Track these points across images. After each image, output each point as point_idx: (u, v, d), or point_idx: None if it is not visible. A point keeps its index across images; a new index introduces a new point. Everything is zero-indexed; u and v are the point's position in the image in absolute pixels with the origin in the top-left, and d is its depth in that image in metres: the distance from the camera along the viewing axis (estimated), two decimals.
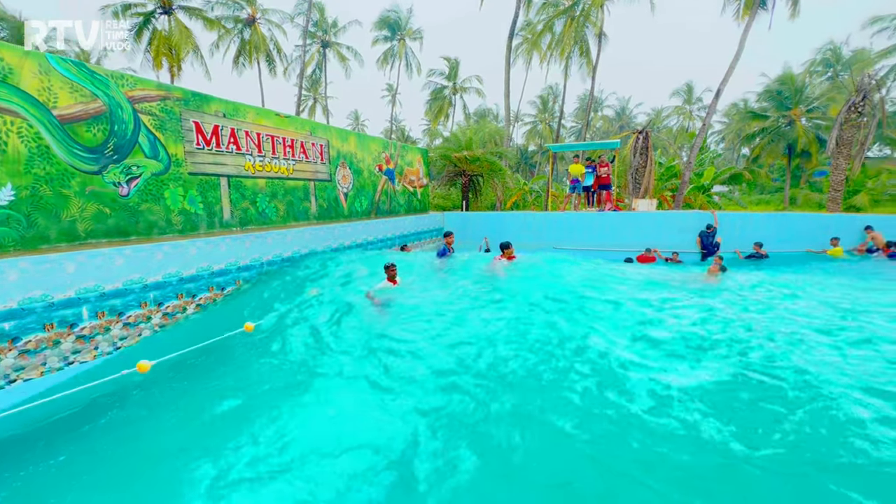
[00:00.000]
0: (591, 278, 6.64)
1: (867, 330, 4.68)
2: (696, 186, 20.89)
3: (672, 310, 5.39)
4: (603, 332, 4.85)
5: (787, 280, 7.02)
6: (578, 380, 3.97)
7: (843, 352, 4.30)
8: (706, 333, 4.67)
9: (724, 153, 47.84)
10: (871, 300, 5.75)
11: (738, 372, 3.94)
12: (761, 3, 16.99)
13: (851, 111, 14.21)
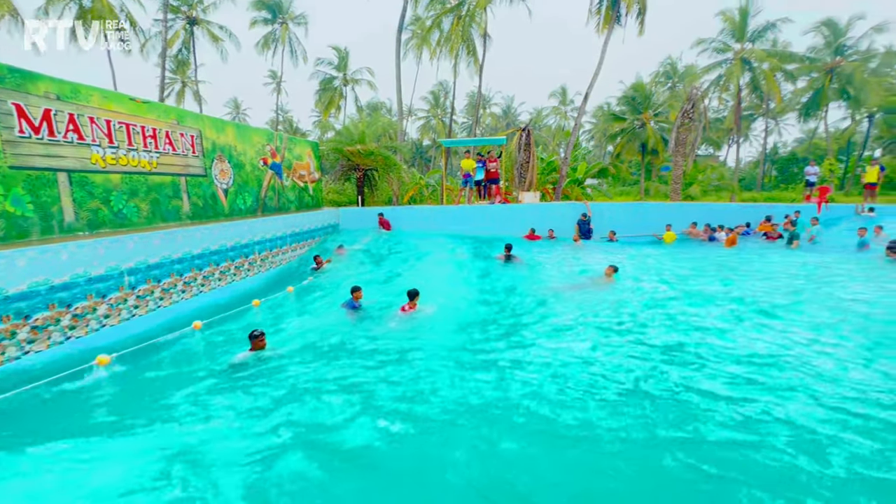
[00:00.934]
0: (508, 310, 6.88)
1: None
2: (572, 180, 23.26)
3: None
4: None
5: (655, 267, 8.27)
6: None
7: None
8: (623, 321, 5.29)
9: (593, 150, 53.95)
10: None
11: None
12: (617, 20, 19.42)
13: (684, 117, 17.10)
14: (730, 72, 26.33)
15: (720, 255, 10.20)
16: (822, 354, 4.58)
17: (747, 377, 4.17)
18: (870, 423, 3.30)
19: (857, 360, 4.37)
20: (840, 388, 3.87)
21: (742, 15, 25.97)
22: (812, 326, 5.34)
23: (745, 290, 6.97)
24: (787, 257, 9.49)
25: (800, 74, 28.50)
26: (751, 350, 4.77)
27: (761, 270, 8.37)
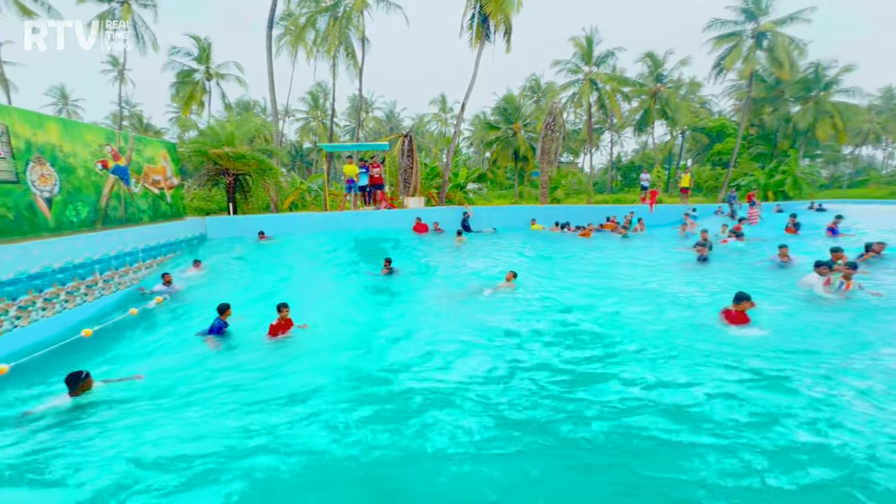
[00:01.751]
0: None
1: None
2: (455, 185, 24.37)
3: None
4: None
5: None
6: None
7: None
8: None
9: (473, 156, 57.20)
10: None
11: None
12: (487, 37, 20.92)
13: (548, 128, 19.18)
14: (581, 90, 30.29)
15: (582, 246, 11.84)
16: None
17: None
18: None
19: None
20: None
21: (588, 42, 30.09)
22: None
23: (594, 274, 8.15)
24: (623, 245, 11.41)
25: (633, 96, 34.08)
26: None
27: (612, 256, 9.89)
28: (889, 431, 3.14)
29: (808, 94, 30.18)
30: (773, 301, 6.46)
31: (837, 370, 4.14)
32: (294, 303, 6.57)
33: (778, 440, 3.12)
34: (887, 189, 34.32)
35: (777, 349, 4.72)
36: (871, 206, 19.93)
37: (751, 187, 26.23)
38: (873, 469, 2.76)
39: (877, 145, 50.63)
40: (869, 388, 3.77)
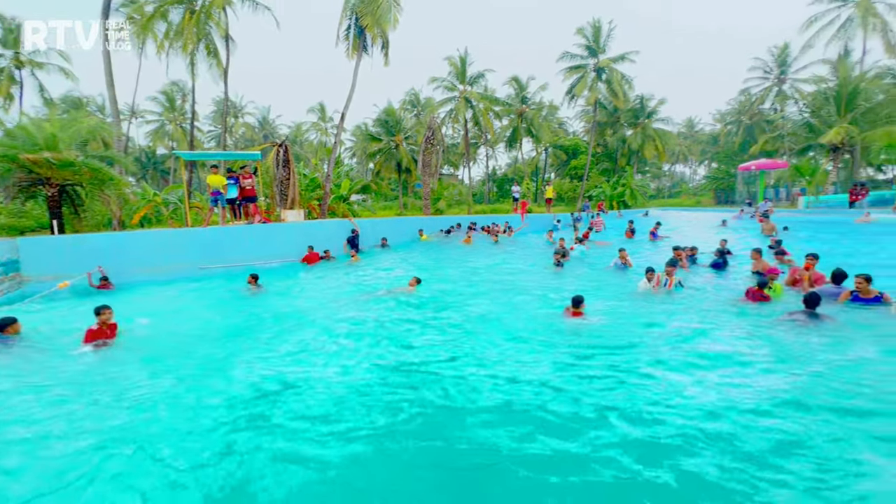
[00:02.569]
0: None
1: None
2: (338, 196, 23.64)
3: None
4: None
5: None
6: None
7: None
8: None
9: (356, 167, 56.27)
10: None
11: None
12: (364, 49, 20.88)
13: (427, 142, 19.83)
14: (458, 107, 32.07)
15: (462, 250, 12.44)
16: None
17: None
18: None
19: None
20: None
21: (462, 62, 32.06)
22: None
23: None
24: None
25: (503, 115, 37.22)
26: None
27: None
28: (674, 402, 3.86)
29: (637, 121, 36.47)
30: (610, 297, 7.61)
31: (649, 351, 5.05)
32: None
33: (592, 416, 3.62)
34: (694, 199, 43.10)
35: (604, 339, 5.55)
36: (683, 212, 24.87)
37: (600, 198, 30.59)
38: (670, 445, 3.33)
39: (685, 164, 63.36)
40: (669, 368, 4.60)
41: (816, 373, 4.24)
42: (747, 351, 4.87)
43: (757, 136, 37.83)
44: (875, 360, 4.44)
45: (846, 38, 31.10)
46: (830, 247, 11.22)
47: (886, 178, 33.95)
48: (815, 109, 29.71)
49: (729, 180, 37.35)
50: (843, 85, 26.91)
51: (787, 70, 38.32)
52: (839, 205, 23.67)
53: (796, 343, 5.02)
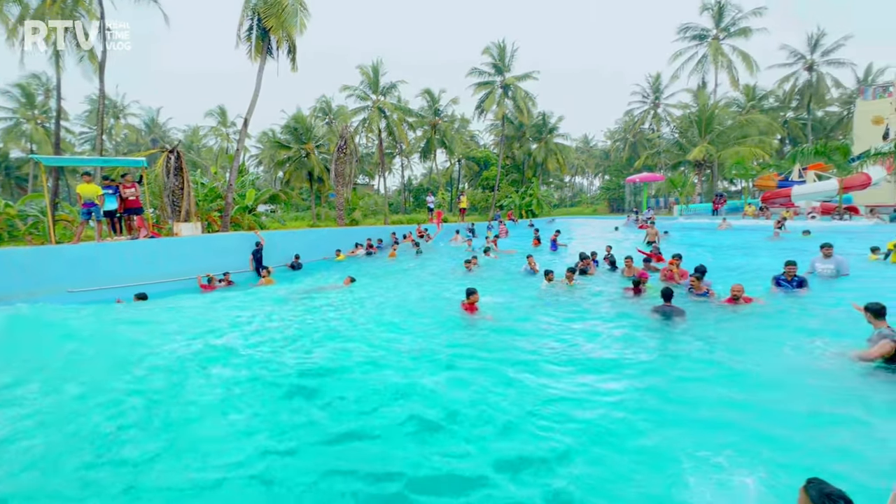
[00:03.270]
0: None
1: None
2: (242, 207, 21.92)
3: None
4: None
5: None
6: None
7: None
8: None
9: (264, 176, 52.88)
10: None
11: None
12: (269, 52, 19.78)
13: (340, 151, 19.31)
14: (371, 117, 31.77)
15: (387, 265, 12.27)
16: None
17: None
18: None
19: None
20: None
21: (374, 72, 31.89)
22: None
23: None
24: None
25: (417, 126, 37.68)
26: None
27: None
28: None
29: (540, 136, 39.28)
30: (509, 296, 8.20)
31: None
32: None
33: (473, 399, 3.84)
34: (591, 207, 47.47)
35: (496, 330, 6.13)
36: (582, 219, 27.26)
37: (510, 207, 32.28)
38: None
39: (583, 176, 69.68)
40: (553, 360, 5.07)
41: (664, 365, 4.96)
42: (616, 345, 5.62)
43: (640, 152, 42.92)
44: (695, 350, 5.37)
45: (703, 72, 36.77)
46: (700, 247, 13.10)
47: (737, 190, 40.54)
48: (682, 131, 34.56)
49: (619, 191, 41.82)
50: (703, 111, 31.71)
51: (660, 96, 44.19)
52: (705, 212, 27.74)
53: (654, 335, 5.92)
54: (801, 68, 37.70)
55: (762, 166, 29.67)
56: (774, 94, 40.16)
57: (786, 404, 3.82)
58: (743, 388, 4.16)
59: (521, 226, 23.13)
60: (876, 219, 18.17)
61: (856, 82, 38.22)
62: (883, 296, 5.01)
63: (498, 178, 36.66)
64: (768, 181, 27.43)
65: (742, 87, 38.55)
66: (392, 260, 14.75)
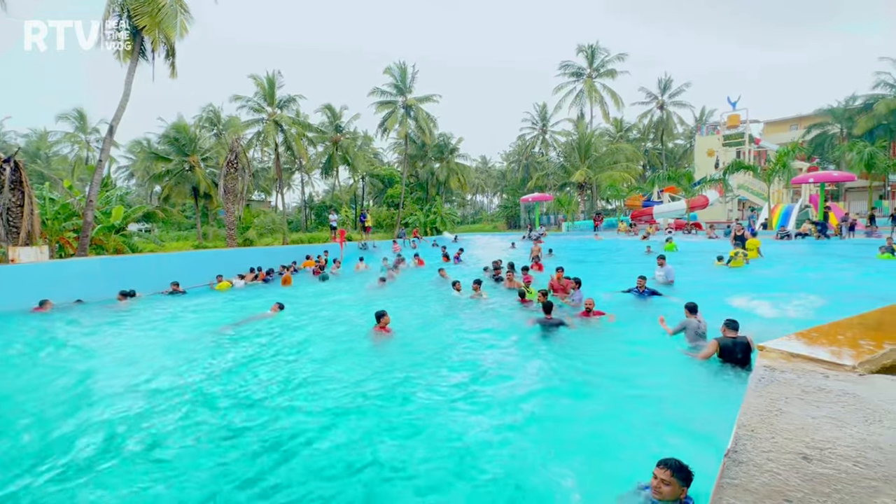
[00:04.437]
0: None
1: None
2: (106, 226, 18.97)
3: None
4: None
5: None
6: None
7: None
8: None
9: (136, 190, 46.53)
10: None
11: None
12: (142, 54, 17.70)
13: (230, 166, 17.84)
14: (266, 130, 29.98)
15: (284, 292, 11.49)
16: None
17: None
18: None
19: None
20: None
21: (270, 84, 30.28)
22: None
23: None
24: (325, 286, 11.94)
25: (318, 141, 36.51)
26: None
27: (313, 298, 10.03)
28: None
29: (442, 156, 40.72)
30: (422, 310, 8.31)
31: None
32: None
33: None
34: (491, 224, 50.21)
35: (399, 358, 6.13)
36: (483, 236, 28.68)
37: (415, 224, 32.73)
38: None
39: (483, 194, 73.61)
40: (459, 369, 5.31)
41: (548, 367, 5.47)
42: (503, 356, 6.04)
43: (532, 174, 46.79)
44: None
45: (581, 105, 41.65)
46: (583, 260, 14.62)
47: (613, 209, 46.16)
48: (566, 156, 38.48)
49: (516, 209, 44.90)
50: (582, 139, 35.76)
51: (547, 124, 48.91)
52: (588, 228, 31.07)
53: (536, 344, 6.46)
54: (655, 107, 44.80)
55: (630, 188, 34.32)
56: (637, 127, 47.01)
57: (643, 394, 4.45)
58: (610, 386, 4.75)
59: (426, 245, 23.54)
60: (713, 233, 22.08)
61: (694, 120, 46.52)
62: (720, 290, 6.24)
63: (402, 195, 37.00)
64: (635, 201, 31.81)
65: (612, 119, 44.50)
66: (287, 287, 13.67)
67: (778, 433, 0.98)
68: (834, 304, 7.61)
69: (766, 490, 0.81)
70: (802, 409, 1.09)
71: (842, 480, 0.81)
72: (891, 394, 1.14)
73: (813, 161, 33.64)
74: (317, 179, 52.60)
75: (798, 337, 1.68)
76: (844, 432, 0.97)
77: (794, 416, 1.05)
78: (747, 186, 28.41)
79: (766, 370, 1.33)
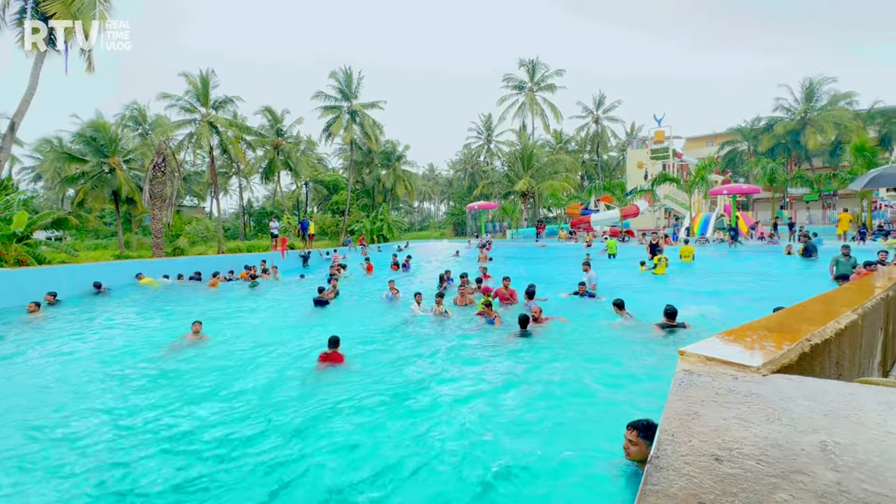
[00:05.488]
0: None
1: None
2: (7, 234, 16.77)
3: None
4: None
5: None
6: None
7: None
8: None
9: (45, 193, 41.84)
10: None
11: None
12: (51, 44, 15.98)
13: (157, 169, 16.52)
14: (200, 132, 28.14)
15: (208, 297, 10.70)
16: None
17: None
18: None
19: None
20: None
21: (204, 83, 28.50)
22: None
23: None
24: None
25: (257, 145, 34.86)
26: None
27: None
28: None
29: (389, 163, 40.46)
30: (375, 332, 8.02)
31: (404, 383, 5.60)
32: None
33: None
34: (439, 232, 50.50)
35: (362, 375, 5.79)
36: (429, 243, 28.75)
37: (361, 232, 32.14)
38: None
39: (430, 201, 73.97)
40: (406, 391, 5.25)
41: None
42: (481, 371, 5.91)
43: (478, 182, 47.76)
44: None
45: (523, 116, 43.26)
46: (526, 266, 15.08)
47: (554, 216, 48.21)
48: (510, 165, 39.68)
49: (463, 216, 45.54)
50: (524, 149, 37.07)
51: (492, 133, 50.27)
52: (531, 235, 32.15)
53: (512, 358, 6.40)
54: (591, 121, 47.61)
55: (570, 197, 36.07)
56: (575, 139, 49.64)
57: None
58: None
59: (370, 252, 23.14)
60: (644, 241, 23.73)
61: (626, 135, 49.96)
62: (640, 292, 6.70)
63: (348, 202, 36.25)
64: (574, 210, 33.44)
65: (552, 131, 46.65)
66: (213, 290, 13.08)
67: (694, 436, 1.05)
68: (744, 307, 8.48)
69: (683, 494, 0.86)
70: (716, 411, 1.17)
71: (747, 479, 0.88)
72: (787, 392, 1.26)
73: (727, 174, 37.33)
74: (257, 184, 50.19)
75: (714, 340, 1.82)
76: (750, 432, 1.05)
77: (708, 418, 1.12)
78: (672, 197, 30.91)
79: (685, 374, 1.42)
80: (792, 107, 35.79)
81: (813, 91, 34.55)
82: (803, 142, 34.39)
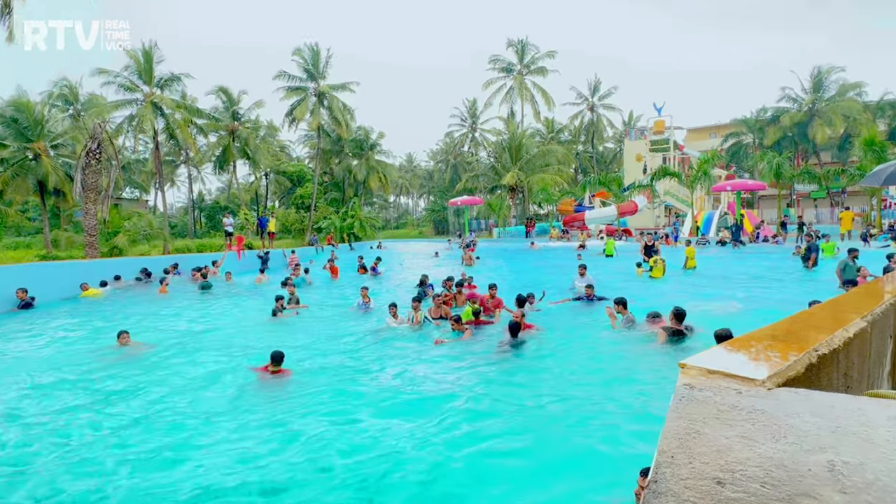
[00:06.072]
0: None
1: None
2: None
3: None
4: None
5: None
6: None
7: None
8: None
9: None
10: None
11: None
12: None
13: (90, 156, 15.99)
14: (142, 114, 27.38)
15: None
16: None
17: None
18: None
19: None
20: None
21: (147, 57, 27.74)
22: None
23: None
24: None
25: (210, 130, 34.12)
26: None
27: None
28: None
29: (361, 152, 40.18)
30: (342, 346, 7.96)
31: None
32: None
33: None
34: (417, 230, 50.48)
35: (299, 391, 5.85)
36: (407, 242, 28.70)
37: (329, 230, 31.83)
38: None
39: (408, 196, 73.85)
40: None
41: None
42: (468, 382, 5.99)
43: (461, 174, 47.93)
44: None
45: (511, 102, 43.62)
46: (518, 269, 15.22)
47: (545, 213, 48.79)
48: (497, 156, 39.98)
49: (444, 213, 45.61)
50: (513, 138, 37.41)
51: (477, 121, 50.51)
52: (520, 234, 32.45)
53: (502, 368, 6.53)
54: (586, 108, 48.38)
55: (562, 192, 36.56)
56: (568, 128, 50.35)
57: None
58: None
59: (342, 251, 22.96)
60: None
61: (623, 124, 50.96)
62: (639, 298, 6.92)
63: (314, 196, 35.80)
64: (567, 206, 33.93)
65: (543, 119, 47.20)
66: (164, 296, 12.79)
67: (695, 458, 1.06)
68: (749, 313, 8.77)
69: None
70: (718, 429, 1.19)
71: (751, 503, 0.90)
72: (793, 408, 1.30)
73: (731, 169, 38.48)
74: (209, 175, 49.11)
75: (717, 350, 1.87)
76: (754, 451, 1.07)
77: (710, 437, 1.14)
78: (673, 193, 31.70)
79: (686, 388, 1.45)
80: (799, 97, 37.16)
81: (821, 80, 35.95)
82: (811, 135, 35.73)
